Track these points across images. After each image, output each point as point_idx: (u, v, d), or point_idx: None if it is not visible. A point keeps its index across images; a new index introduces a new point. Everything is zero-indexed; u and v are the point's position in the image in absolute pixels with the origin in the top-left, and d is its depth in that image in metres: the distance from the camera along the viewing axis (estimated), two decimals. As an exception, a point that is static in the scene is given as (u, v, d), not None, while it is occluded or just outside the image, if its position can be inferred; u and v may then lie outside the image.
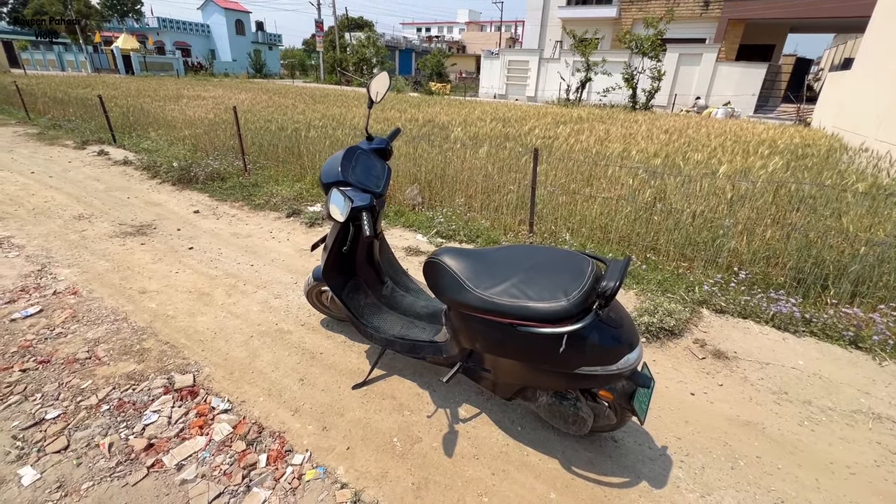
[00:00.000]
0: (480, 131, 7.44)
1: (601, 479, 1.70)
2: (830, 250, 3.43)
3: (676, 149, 6.43)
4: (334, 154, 1.97)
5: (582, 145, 6.48)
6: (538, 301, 1.46)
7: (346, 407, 1.98)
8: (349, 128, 6.98)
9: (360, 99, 14.36)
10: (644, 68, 15.34)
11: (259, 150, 6.27)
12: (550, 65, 21.22)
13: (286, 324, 2.59)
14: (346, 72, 30.51)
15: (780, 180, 4.66)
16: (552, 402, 1.72)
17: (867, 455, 1.91)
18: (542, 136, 7.16)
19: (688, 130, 8.90)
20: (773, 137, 8.11)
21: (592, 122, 9.86)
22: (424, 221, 4.37)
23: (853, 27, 19.35)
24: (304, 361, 2.27)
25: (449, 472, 1.69)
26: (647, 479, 1.71)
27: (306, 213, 4.45)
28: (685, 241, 3.80)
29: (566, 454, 1.80)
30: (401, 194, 5.10)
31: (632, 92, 15.33)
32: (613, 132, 7.97)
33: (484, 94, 23.61)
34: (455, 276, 1.68)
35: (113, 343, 2.35)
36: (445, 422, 1.93)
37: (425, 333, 2.02)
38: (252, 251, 3.63)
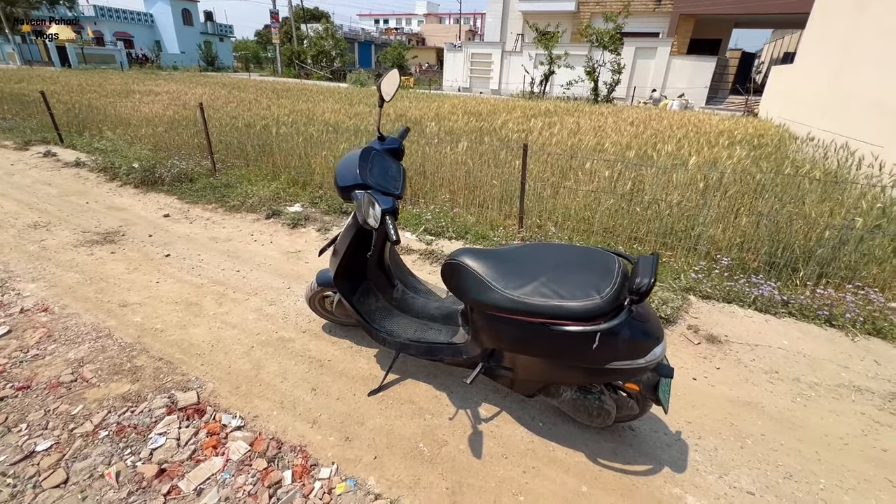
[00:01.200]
0: (455, 126, 7.41)
1: (627, 469, 1.75)
2: (796, 235, 3.67)
3: (646, 141, 6.66)
4: (347, 155, 1.90)
5: (556, 138, 6.59)
6: (571, 300, 1.47)
7: (365, 415, 1.93)
8: (320, 123, 6.77)
9: (324, 93, 13.95)
10: (604, 61, 15.77)
11: (227, 149, 5.98)
12: (513, 58, 21.40)
13: (287, 331, 2.50)
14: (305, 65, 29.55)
15: (746, 170, 4.93)
16: (576, 396, 1.75)
17: (855, 426, 2.07)
18: (516, 129, 7.22)
19: (651, 122, 9.24)
20: (729, 128, 8.56)
21: (561, 115, 10.05)
22: (411, 219, 4.32)
23: (792, 23, 20.67)
24: (313, 370, 2.19)
25: (480, 473, 1.69)
26: (667, 464, 1.78)
27: (287, 214, 4.29)
28: (666, 231, 3.95)
29: (590, 447, 1.84)
30: None
31: (594, 85, 15.74)
32: (584, 125, 8.16)
33: (448, 88, 23.54)
34: (479, 277, 1.67)
35: (100, 363, 2.18)
36: (468, 423, 1.92)
37: (442, 335, 2.00)
38: (235, 256, 3.47)
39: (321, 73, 28.34)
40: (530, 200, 4.42)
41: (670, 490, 1.67)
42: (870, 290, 3.06)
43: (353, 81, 21.45)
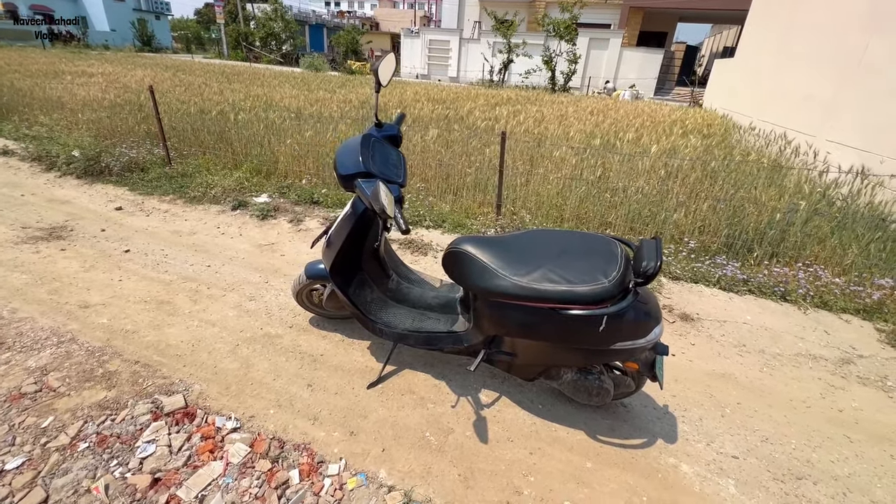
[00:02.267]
0: (421, 113, 7.32)
1: (625, 443, 1.83)
2: (749, 218, 3.95)
3: (608, 130, 6.89)
4: (346, 142, 1.82)
5: (523, 127, 6.68)
6: (579, 284, 1.51)
7: (367, 408, 1.90)
8: (281, 109, 6.48)
9: (279, 78, 13.31)
10: (561, 51, 16.08)
11: (180, 137, 5.58)
12: (471, 45, 21.35)
13: (272, 327, 2.40)
14: (254, 48, 27.98)
15: (700, 158, 5.23)
16: (577, 378, 1.81)
17: (814, 390, 2.28)
18: (482, 117, 7.24)
19: (609, 112, 9.56)
20: (680, 118, 9.02)
21: (524, 103, 10.18)
22: None
23: (731, 19, 21.96)
24: (307, 366, 2.13)
25: (489, 458, 1.71)
26: (660, 436, 1.89)
27: (254, 206, 4.08)
28: (634, 217, 4.13)
29: (588, 425, 1.91)
30: None
31: (551, 74, 16.03)
32: (547, 114, 8.31)
33: (406, 74, 23.15)
34: (484, 265, 1.68)
35: (66, 370, 2.00)
36: (471, 409, 1.94)
37: (440, 324, 2.00)
38: (203, 250, 3.27)
39: (271, 57, 26.93)
40: (504, 188, 4.46)
41: (665, 460, 1.77)
42: (817, 267, 3.35)
43: (308, 66, 20.58)
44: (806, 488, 1.70)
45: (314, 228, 3.78)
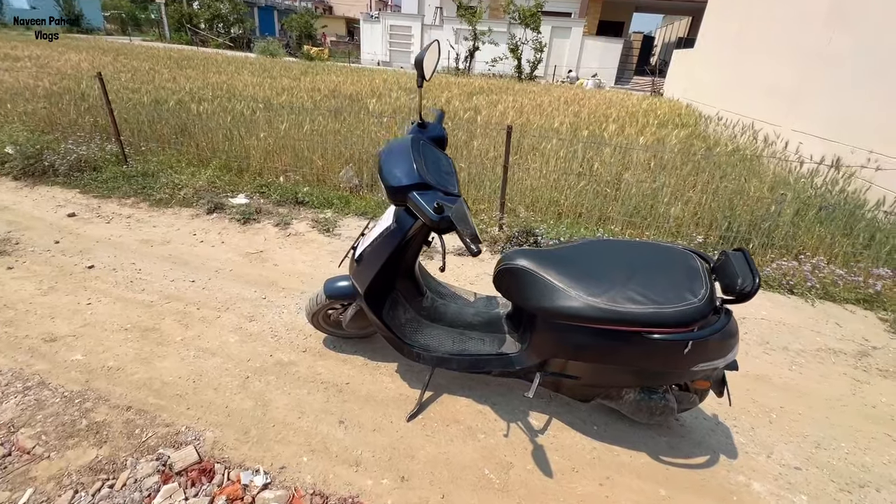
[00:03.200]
0: (398, 104, 6.99)
1: (689, 463, 1.73)
2: (743, 210, 4.01)
3: (588, 120, 6.85)
4: (391, 146, 1.56)
5: (505, 118, 6.52)
6: (667, 304, 1.36)
7: (412, 445, 1.69)
8: (248, 99, 5.95)
9: (234, 64, 12.39)
10: (527, 39, 16.00)
11: (134, 131, 4.99)
12: (433, 32, 20.85)
13: (283, 353, 2.11)
14: (199, 30, 26.05)
15: (687, 149, 5.28)
16: (640, 398, 1.68)
17: (843, 386, 2.29)
18: (462, 108, 7.01)
19: (581, 101, 9.58)
20: (652, 109, 9.17)
21: (499, 92, 10.01)
22: (373, 206, 3.96)
23: (684, 10, 22.70)
24: (333, 398, 1.88)
25: (559, 495, 1.56)
26: (720, 451, 1.80)
27: (232, 208, 3.69)
28: (632, 211, 4.08)
29: (649, 445, 1.80)
30: (334, 176, 4.55)
31: (517, 63, 15.94)
32: (523, 103, 8.19)
33: (367, 61, 22.33)
34: (549, 283, 1.50)
35: (41, 424, 1.65)
36: (524, 437, 1.77)
37: (486, 345, 1.81)
38: (183, 262, 2.89)
39: (219, 41, 25.19)
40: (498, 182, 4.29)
41: (735, 479, 1.69)
42: (818, 258, 3.42)
43: (262, 51, 19.36)
44: (872, 497, 1.67)
45: (304, 233, 3.45)
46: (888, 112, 4.91)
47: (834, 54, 6.14)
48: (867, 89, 5.35)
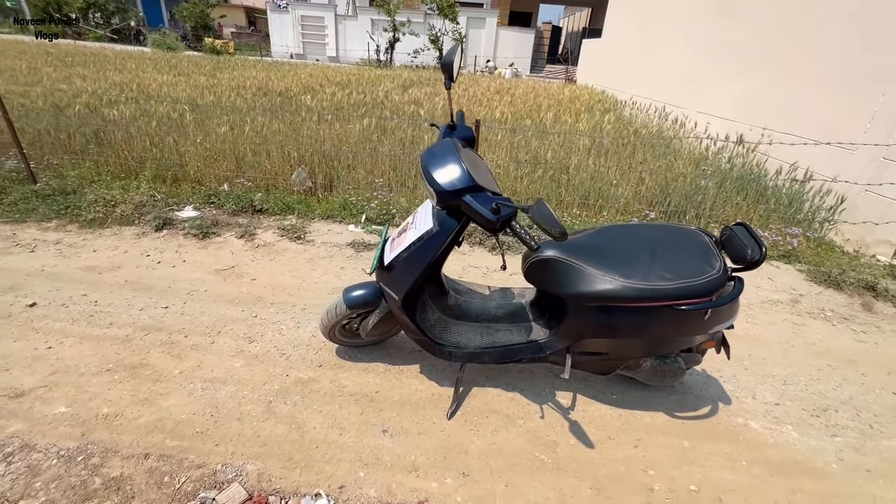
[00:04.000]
0: (335, 99, 6.74)
1: (698, 414, 1.97)
2: (677, 186, 4.49)
3: (527, 110, 7.15)
4: (432, 150, 1.53)
5: (447, 110, 6.57)
6: (692, 278, 1.53)
7: (461, 441, 1.72)
8: (169, 100, 5.37)
9: (131, 59, 11.00)
10: (446, 30, 16.12)
11: (35, 142, 4.29)
12: (349, 23, 20.19)
13: (300, 371, 2.02)
14: (70, 20, 22.64)
15: (621, 134, 5.75)
16: (657, 364, 1.86)
17: (788, 331, 2.69)
18: (402, 101, 6.95)
19: (510, 90, 9.94)
20: (575, 96, 9.78)
21: (433, 84, 10.01)
22: (338, 209, 3.83)
23: (584, 1, 24.23)
24: (367, 408, 1.84)
25: (605, 462, 1.69)
26: (718, 399, 2.06)
27: (183, 222, 3.36)
28: (585, 194, 4.39)
29: (663, 404, 2.00)
30: (285, 179, 4.32)
31: (439, 53, 16.00)
32: (459, 94, 8.30)
33: (279, 54, 21.00)
34: (584, 270, 1.61)
35: (44, 492, 1.42)
36: (558, 416, 1.89)
37: (515, 335, 1.88)
38: (145, 288, 2.60)
39: (99, 33, 22.12)
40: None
41: (735, 421, 1.95)
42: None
43: (157, 45, 17.37)
44: (833, 417, 2.03)
45: (273, 242, 3.26)
46: (774, 94, 5.74)
47: (723, 44, 7.01)
48: (755, 75, 6.20)
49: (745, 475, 1.69)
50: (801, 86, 5.33)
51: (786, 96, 5.55)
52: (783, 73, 5.64)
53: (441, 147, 1.51)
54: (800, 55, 5.40)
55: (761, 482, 1.66)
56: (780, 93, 5.66)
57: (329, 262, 3.05)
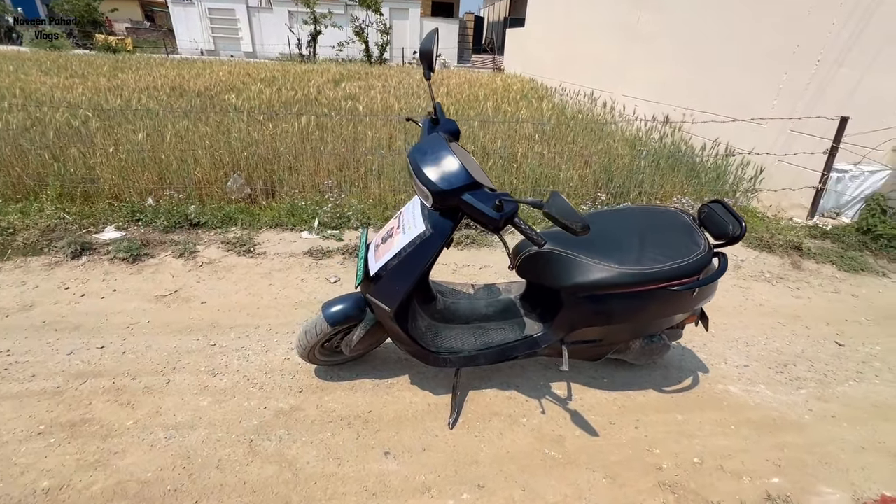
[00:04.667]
0: (262, 97, 6.26)
1: (684, 387, 2.05)
2: (618, 167, 4.70)
3: (467, 99, 7.12)
4: (422, 146, 1.39)
5: (386, 104, 6.37)
6: (682, 258, 1.56)
7: (468, 451, 1.64)
8: (67, 106, 4.66)
9: (6, 60, 9.47)
10: (370, 22, 15.63)
11: None
12: (263, 16, 18.91)
13: (279, 400, 1.82)
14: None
15: (562, 120, 5.90)
16: (644, 344, 1.90)
17: (739, 295, 2.91)
18: (336, 96, 6.62)
19: (444, 81, 9.87)
20: (507, 84, 9.92)
21: (365, 78, 9.66)
22: (286, 215, 3.55)
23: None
24: (363, 431, 1.70)
25: (612, 447, 1.70)
26: (697, 370, 2.17)
27: (107, 246, 2.93)
28: (536, 180, 4.45)
29: (650, 381, 2.06)
30: (220, 188, 3.95)
31: (365, 46, 15.51)
32: (394, 87, 8.09)
33: (187, 50, 19.19)
34: (578, 260, 1.59)
35: None
36: (558, 409, 1.87)
37: (509, 333, 1.83)
38: (72, 327, 2.22)
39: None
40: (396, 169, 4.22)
41: (716, 387, 2.05)
42: (685, 198, 4.21)
43: (36, 44, 15.13)
44: (794, 371, 2.21)
45: (219, 259, 2.94)
46: (693, 77, 6.19)
47: (644, 31, 7.44)
48: (674, 59, 6.65)
49: (736, 439, 1.78)
50: (715, 68, 5.78)
51: (702, 78, 6.00)
52: (698, 56, 6.09)
53: (431, 143, 1.40)
54: (712, 40, 5.85)
55: (751, 443, 1.76)
56: (697, 75, 6.11)
57: (287, 275, 2.81)
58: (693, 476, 1.60)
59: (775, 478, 1.61)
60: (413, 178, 1.40)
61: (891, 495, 1.58)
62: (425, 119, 1.63)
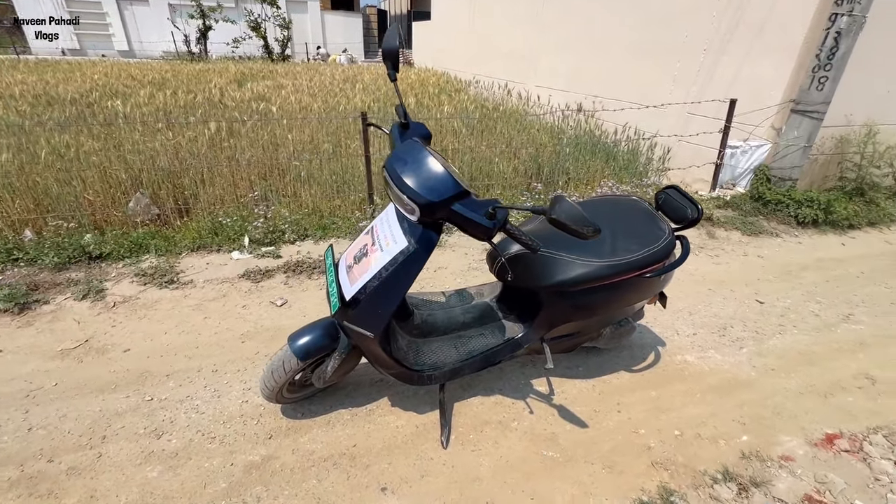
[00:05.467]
0: (155, 102, 5.53)
1: (649, 363, 2.16)
2: (547, 156, 4.89)
3: (384, 97, 6.92)
4: (401, 154, 1.23)
5: (301, 104, 5.97)
6: (651, 245, 1.62)
7: (469, 469, 1.57)
8: None
9: None
10: (268, 16, 14.53)
11: None
12: (138, 9, 16.69)
13: (248, 452, 1.59)
14: None
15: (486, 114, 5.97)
16: (613, 329, 1.97)
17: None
18: (245, 98, 6.06)
19: (357, 77, 9.53)
20: (423, 79, 9.85)
21: (273, 77, 8.95)
22: (208, 236, 3.16)
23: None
24: (353, 469, 1.55)
25: (602, 436, 1.73)
26: (656, 344, 2.30)
27: (-21, 296, 2.38)
28: (474, 173, 4.47)
29: (619, 363, 2.15)
30: (120, 211, 3.42)
31: (264, 42, 14.40)
32: (304, 85, 7.62)
33: (45, 51, 16.31)
34: (557, 258, 1.58)
35: None
36: (544, 406, 1.87)
37: (490, 338, 1.78)
38: (-54, 408, 1.76)
39: None
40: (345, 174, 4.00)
41: (676, 359, 2.20)
42: (610, 181, 4.48)
43: None
44: (733, 332, 2.44)
45: (136, 295, 2.53)
46: (598, 66, 6.61)
47: (549, 23, 7.78)
48: (578, 50, 7.04)
49: (704, 406, 1.91)
50: (616, 58, 6.22)
51: (606, 67, 6.43)
52: (601, 47, 6.50)
53: (410, 151, 1.27)
54: (611, 31, 6.27)
55: (717, 407, 1.90)
56: (601, 64, 6.54)
57: (224, 304, 2.50)
58: (678, 449, 1.68)
59: (744, 436, 1.76)
60: (391, 189, 1.27)
61: (832, 432, 1.80)
62: (394, 124, 1.49)
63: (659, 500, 1.48)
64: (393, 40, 1.39)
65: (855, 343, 2.39)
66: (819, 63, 3.84)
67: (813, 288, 2.95)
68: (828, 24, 3.73)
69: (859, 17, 3.60)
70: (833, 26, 3.70)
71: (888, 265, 3.36)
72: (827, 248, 3.62)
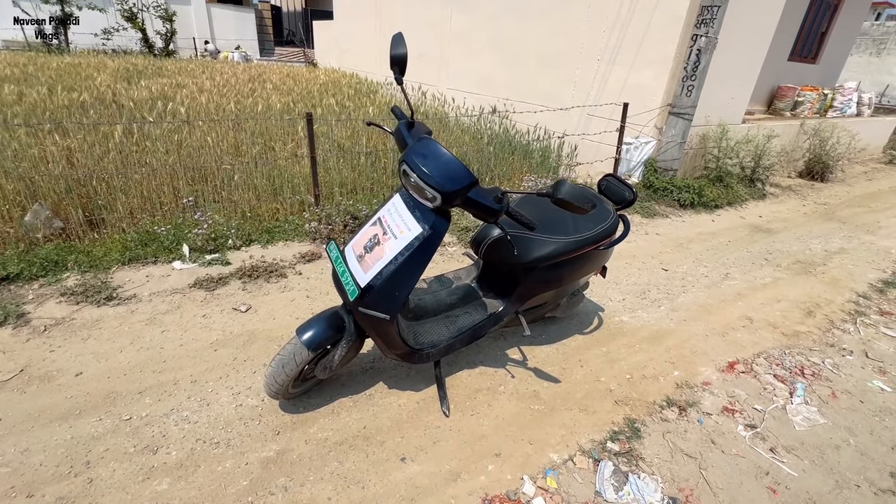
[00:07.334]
0: (27, 102, 4.75)
1: (596, 325, 2.55)
2: (464, 153, 5.23)
3: (301, 97, 6.72)
4: (419, 149, 1.34)
5: (213, 103, 5.57)
6: (603, 222, 1.96)
7: (473, 430, 1.76)
8: None
9: None
10: (146, 6, 12.93)
11: None
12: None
13: (259, 450, 1.60)
14: None
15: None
16: (569, 298, 2.32)
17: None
18: (144, 97, 5.47)
19: (262, 76, 9.04)
20: (334, 79, 9.67)
21: (170, 74, 8.07)
22: (140, 246, 2.92)
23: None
24: (369, 448, 1.64)
25: (574, 387, 2.04)
26: (598, 310, 2.71)
27: None
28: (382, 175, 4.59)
29: (573, 327, 2.50)
30: (11, 225, 3.00)
31: (143, 35, 12.78)
32: (206, 84, 7.06)
33: None
34: (534, 238, 1.84)
35: None
36: (521, 370, 2.13)
37: (476, 315, 1.98)
38: None
39: None
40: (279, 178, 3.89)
41: (615, 320, 2.62)
42: (530, 176, 4.95)
43: None
44: (651, 295, 2.96)
45: (69, 316, 2.28)
46: (506, 71, 7.16)
47: (457, 30, 8.20)
48: (488, 56, 7.55)
49: (643, 354, 2.34)
50: (521, 64, 6.82)
51: (514, 72, 7.00)
52: (508, 54, 7.06)
53: (428, 147, 1.41)
54: (517, 40, 6.85)
55: (652, 353, 2.34)
56: (509, 70, 7.10)
57: (181, 316, 2.36)
58: (632, 388, 2.06)
59: (675, 371, 2.20)
60: (409, 181, 1.41)
61: (732, 360, 2.33)
62: (399, 123, 1.62)
63: (626, 429, 1.82)
64: (400, 47, 1.53)
65: (735, 294, 3.06)
66: (686, 74, 4.70)
67: (699, 256, 3.65)
68: (691, 43, 4.59)
69: (713, 38, 4.50)
70: (695, 45, 4.56)
71: (745, 235, 4.26)
72: (703, 224, 4.46)
